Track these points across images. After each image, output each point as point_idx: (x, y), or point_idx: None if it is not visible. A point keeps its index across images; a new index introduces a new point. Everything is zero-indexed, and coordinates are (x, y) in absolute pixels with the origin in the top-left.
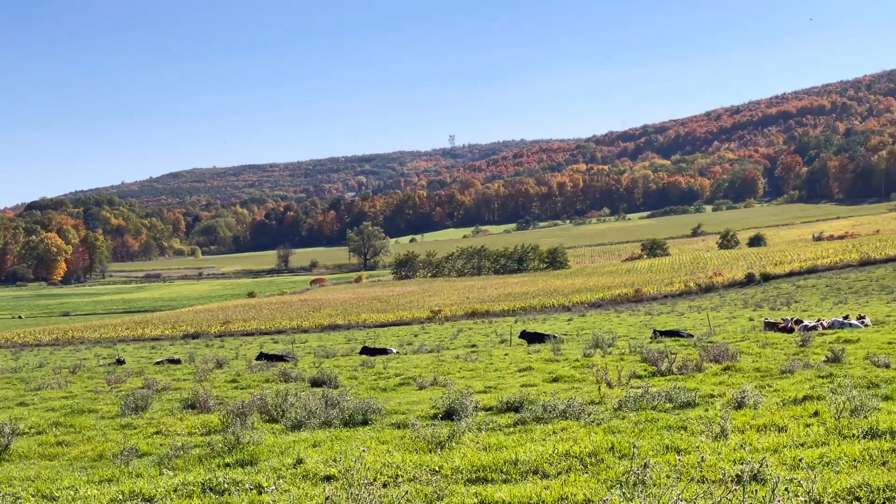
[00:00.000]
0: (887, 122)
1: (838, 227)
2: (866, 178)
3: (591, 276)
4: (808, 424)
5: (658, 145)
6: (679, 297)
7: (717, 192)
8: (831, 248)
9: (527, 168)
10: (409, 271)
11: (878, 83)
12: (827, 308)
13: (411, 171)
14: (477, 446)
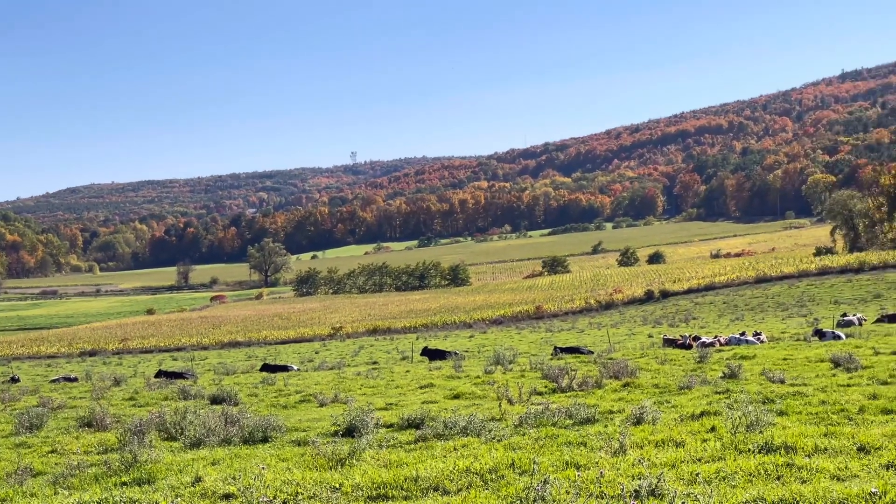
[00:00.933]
0: (782, 141)
1: (735, 244)
2: (762, 196)
3: (492, 292)
4: (706, 439)
5: (559, 163)
6: (579, 313)
7: (617, 209)
8: (729, 266)
9: (429, 185)
10: (311, 288)
11: (773, 103)
12: (724, 325)
13: (313, 188)
14: (378, 463)
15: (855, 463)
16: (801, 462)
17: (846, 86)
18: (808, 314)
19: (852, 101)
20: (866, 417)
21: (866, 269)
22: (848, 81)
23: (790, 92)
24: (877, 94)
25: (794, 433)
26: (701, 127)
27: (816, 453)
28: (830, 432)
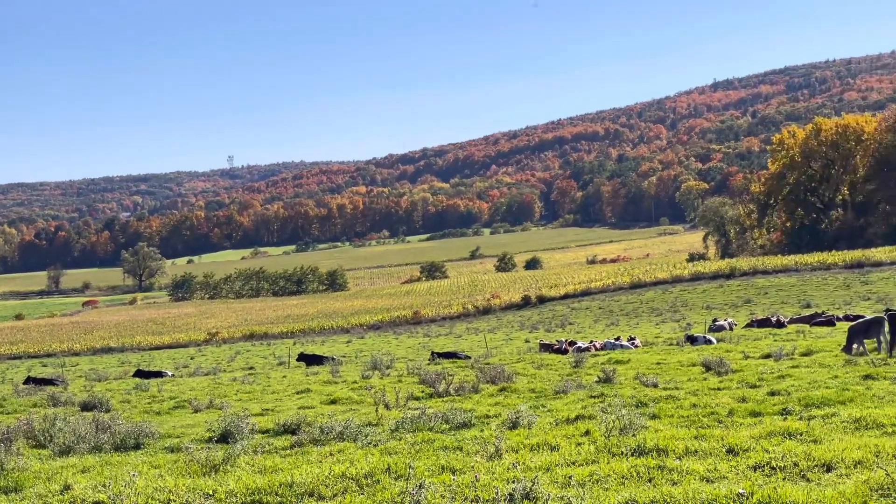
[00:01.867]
0: (657, 148)
1: (611, 250)
2: (637, 203)
3: (370, 298)
4: (580, 443)
5: (438, 168)
6: (457, 319)
7: (495, 215)
8: (604, 272)
9: (307, 190)
10: (187, 293)
11: (648, 111)
12: (600, 330)
13: (189, 192)
14: (252, 469)
15: (724, 464)
16: (673, 464)
17: (718, 95)
18: (682, 319)
19: (724, 110)
20: (735, 420)
21: (737, 275)
22: (720, 91)
23: (664, 100)
24: (747, 104)
25: (666, 436)
26: (578, 134)
27: (687, 455)
28: (701, 435)
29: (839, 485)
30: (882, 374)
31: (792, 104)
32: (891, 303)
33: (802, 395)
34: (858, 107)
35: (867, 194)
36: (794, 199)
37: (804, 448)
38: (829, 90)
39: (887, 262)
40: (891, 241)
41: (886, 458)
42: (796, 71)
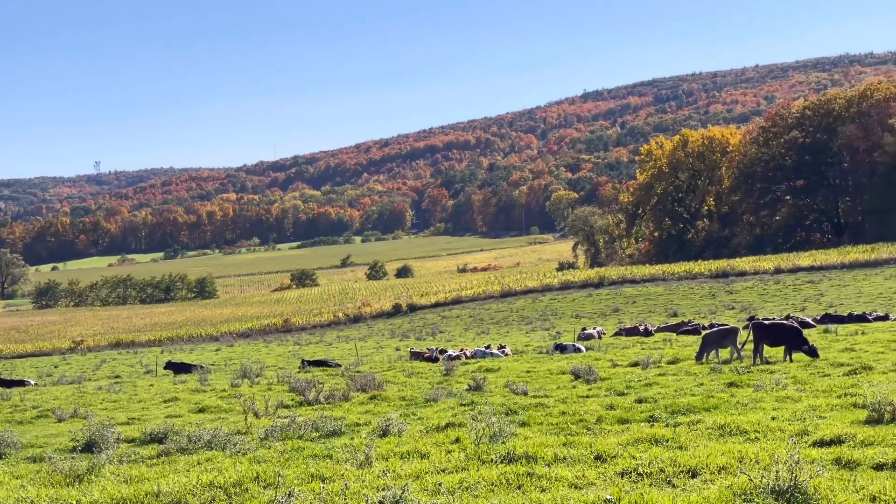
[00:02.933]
0: (528, 158)
1: (482, 259)
2: (508, 212)
3: (240, 305)
4: (450, 451)
5: (309, 176)
6: (328, 327)
7: (366, 223)
8: (475, 280)
9: (176, 196)
10: (51, 300)
11: (518, 121)
12: (470, 338)
13: (54, 198)
14: (118, 479)
15: (592, 471)
16: (542, 471)
17: (588, 105)
18: (551, 327)
19: (594, 121)
20: (604, 427)
21: (606, 284)
22: (590, 101)
23: (535, 110)
24: (617, 115)
25: (535, 443)
26: (449, 142)
27: (556, 462)
28: (570, 442)
29: (704, 490)
30: (745, 382)
31: (660, 116)
32: (754, 312)
33: (669, 403)
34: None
35: (732, 205)
36: (662, 210)
37: (670, 454)
38: (695, 102)
39: (751, 272)
40: (754, 251)
41: (749, 464)
42: (664, 83)
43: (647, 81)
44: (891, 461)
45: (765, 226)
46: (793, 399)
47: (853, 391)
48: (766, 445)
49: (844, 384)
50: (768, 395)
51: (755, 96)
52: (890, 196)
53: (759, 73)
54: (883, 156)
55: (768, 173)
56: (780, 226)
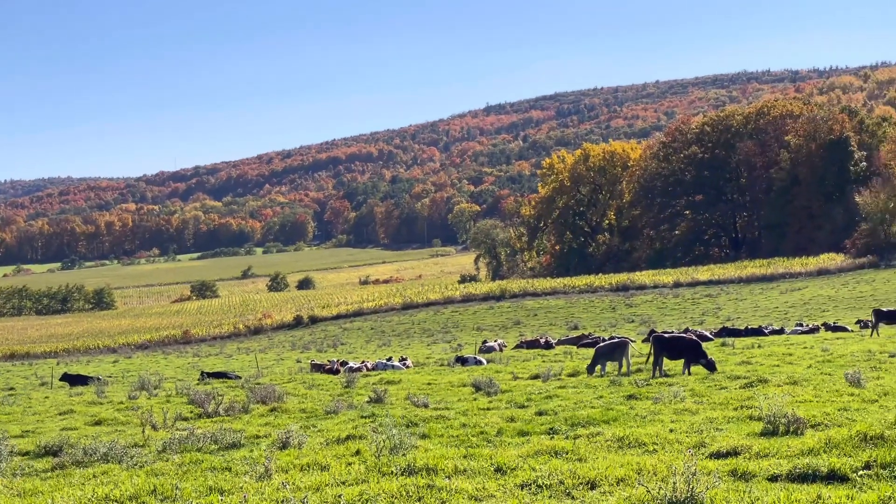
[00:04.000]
0: (430, 171)
1: (384, 271)
2: (410, 224)
3: (139, 317)
4: (351, 463)
5: (210, 187)
6: (228, 338)
7: (267, 234)
8: (377, 292)
9: (74, 206)
10: None
11: (422, 133)
12: (371, 350)
13: None
14: (11, 492)
15: (492, 483)
16: (442, 483)
17: (491, 119)
18: (453, 340)
19: (496, 134)
20: (504, 439)
21: (507, 297)
22: (493, 115)
23: (438, 123)
24: (519, 128)
25: (435, 455)
26: (352, 154)
27: (456, 474)
28: (470, 454)
29: (602, 502)
30: (645, 395)
31: (562, 130)
32: (654, 325)
33: (569, 415)
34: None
35: (632, 219)
36: (564, 223)
37: (570, 466)
38: (597, 117)
39: (650, 286)
40: (654, 265)
41: (647, 475)
42: (566, 97)
43: (550, 96)
44: (785, 472)
45: (664, 240)
46: (691, 411)
47: (749, 403)
48: (664, 457)
49: (741, 397)
50: (667, 408)
51: (656, 111)
52: (786, 211)
53: (660, 89)
54: (779, 172)
55: (668, 188)
56: (679, 240)
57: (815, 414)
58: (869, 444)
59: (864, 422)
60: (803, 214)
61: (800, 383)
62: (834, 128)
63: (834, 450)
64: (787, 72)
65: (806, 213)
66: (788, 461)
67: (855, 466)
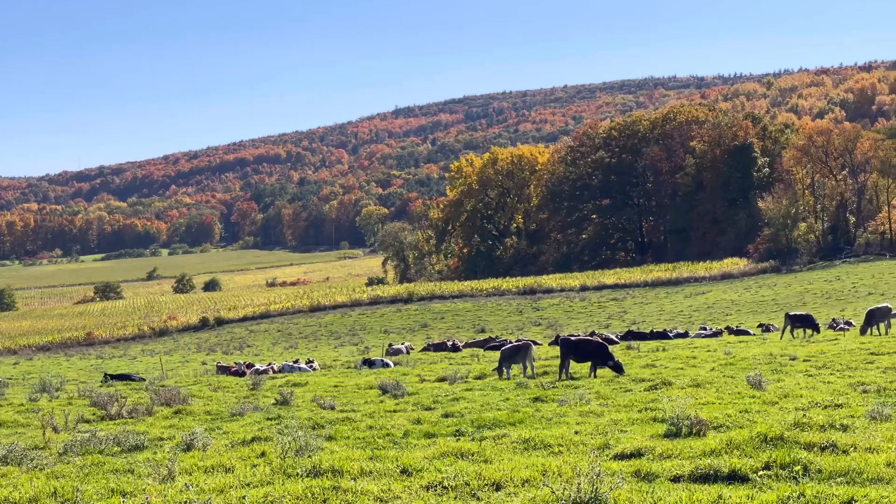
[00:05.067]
0: (339, 173)
1: (291, 273)
2: (318, 226)
3: (40, 318)
4: (256, 465)
5: (115, 187)
6: (132, 340)
7: (173, 236)
8: (284, 294)
9: None
10: None
11: (330, 135)
12: (278, 352)
13: None
14: None
15: (398, 485)
16: (347, 485)
17: (399, 122)
18: (360, 343)
19: (405, 137)
20: (410, 441)
21: (415, 300)
22: (401, 118)
23: (347, 125)
24: (427, 131)
25: (341, 457)
26: (260, 156)
27: (362, 476)
28: (376, 456)
29: (507, 503)
30: (550, 397)
31: (470, 133)
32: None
33: (475, 417)
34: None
35: (540, 223)
36: (472, 226)
37: (476, 468)
38: (506, 121)
39: (557, 289)
40: (561, 268)
41: (552, 477)
42: (475, 101)
43: (459, 99)
44: (687, 473)
45: (572, 244)
46: (596, 414)
47: (653, 406)
48: (569, 459)
49: (645, 399)
50: (572, 410)
51: (564, 116)
52: (691, 216)
53: (568, 94)
54: (684, 177)
55: (575, 192)
56: (586, 244)
57: (718, 416)
58: (769, 445)
59: (765, 423)
60: (708, 219)
61: (703, 386)
62: (738, 134)
63: (735, 451)
64: (692, 78)
65: (710, 218)
66: (691, 462)
67: (755, 467)
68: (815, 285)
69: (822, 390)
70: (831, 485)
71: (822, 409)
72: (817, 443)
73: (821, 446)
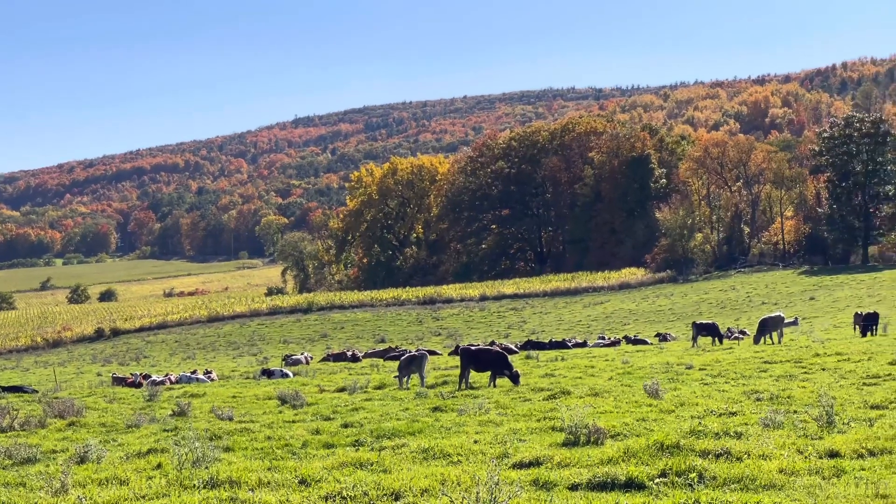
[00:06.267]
0: (238, 182)
1: (189, 283)
2: (217, 236)
3: None
4: (151, 476)
5: (7, 196)
6: (25, 352)
7: (68, 245)
8: (182, 305)
9: None
10: None
11: (229, 144)
12: (176, 363)
13: None
14: None
15: (296, 495)
16: (245, 496)
17: (299, 131)
18: (259, 353)
19: (305, 147)
20: (309, 451)
21: (314, 310)
22: (301, 127)
23: (246, 134)
24: (327, 141)
25: (239, 468)
26: (157, 165)
27: (260, 487)
28: (275, 466)
29: None
30: (450, 407)
31: (371, 143)
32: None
33: (375, 427)
34: (433, 148)
35: (440, 233)
36: (372, 236)
37: (374, 478)
38: (406, 131)
39: (457, 299)
40: (461, 278)
41: (451, 486)
42: (375, 111)
43: (359, 109)
44: (585, 481)
45: (471, 254)
46: (495, 423)
47: (552, 415)
48: (468, 468)
49: (544, 408)
50: (471, 420)
51: (464, 126)
52: (589, 226)
53: (468, 104)
54: (583, 188)
55: (475, 202)
56: (486, 254)
57: (615, 424)
58: (665, 453)
59: (661, 431)
60: (606, 229)
61: (601, 395)
62: (636, 145)
63: (632, 459)
64: (591, 90)
65: (609, 228)
66: (589, 470)
67: (652, 474)
68: (711, 295)
69: (717, 398)
70: (725, 491)
71: (717, 417)
72: (712, 450)
73: (716, 454)
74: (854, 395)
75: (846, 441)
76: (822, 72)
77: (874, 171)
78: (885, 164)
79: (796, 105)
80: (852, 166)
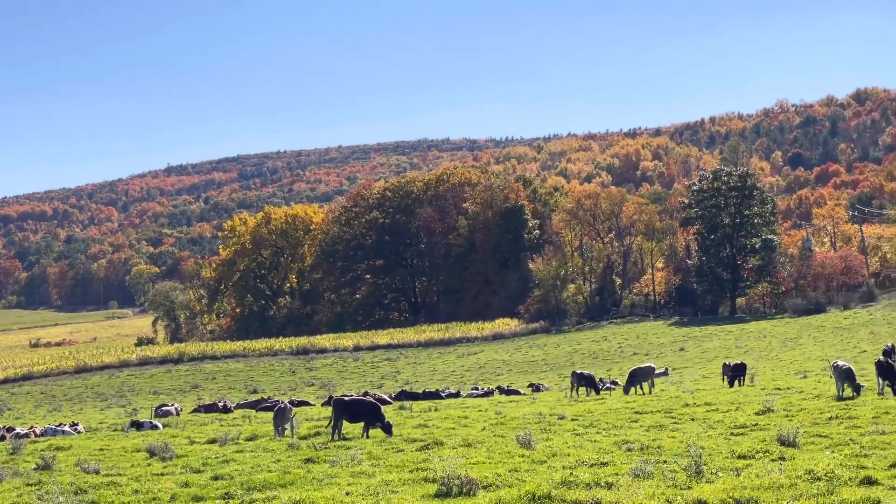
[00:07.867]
0: (108, 231)
1: (57, 333)
2: (86, 285)
3: None
4: None
5: None
6: None
7: None
8: (48, 355)
9: None
10: None
11: (99, 193)
12: (41, 415)
13: None
14: None
15: None
16: None
17: (172, 180)
18: (128, 404)
19: (178, 195)
20: None
21: (186, 360)
22: (174, 175)
23: (117, 182)
24: (201, 190)
25: None
26: (24, 213)
27: None
28: None
29: None
30: (322, 458)
31: (244, 192)
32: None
33: (245, 479)
34: (308, 198)
35: (314, 283)
36: (245, 286)
37: None
38: (280, 180)
39: (331, 349)
40: (334, 328)
41: None
42: (249, 160)
43: (232, 158)
44: None
45: (345, 303)
46: (367, 474)
47: (425, 466)
48: None
49: (417, 459)
50: (344, 471)
51: (338, 176)
52: (463, 277)
53: (343, 154)
54: (457, 238)
55: (349, 252)
56: (360, 304)
57: (488, 475)
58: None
59: (533, 482)
60: (480, 280)
61: (474, 445)
62: (510, 196)
63: None
64: (465, 141)
65: (483, 279)
66: None
67: None
68: (584, 345)
69: (589, 449)
70: None
71: (589, 468)
72: (583, 501)
73: None
74: (722, 445)
75: (714, 491)
76: (691, 126)
77: (741, 224)
78: (751, 217)
79: (666, 158)
80: (720, 219)
